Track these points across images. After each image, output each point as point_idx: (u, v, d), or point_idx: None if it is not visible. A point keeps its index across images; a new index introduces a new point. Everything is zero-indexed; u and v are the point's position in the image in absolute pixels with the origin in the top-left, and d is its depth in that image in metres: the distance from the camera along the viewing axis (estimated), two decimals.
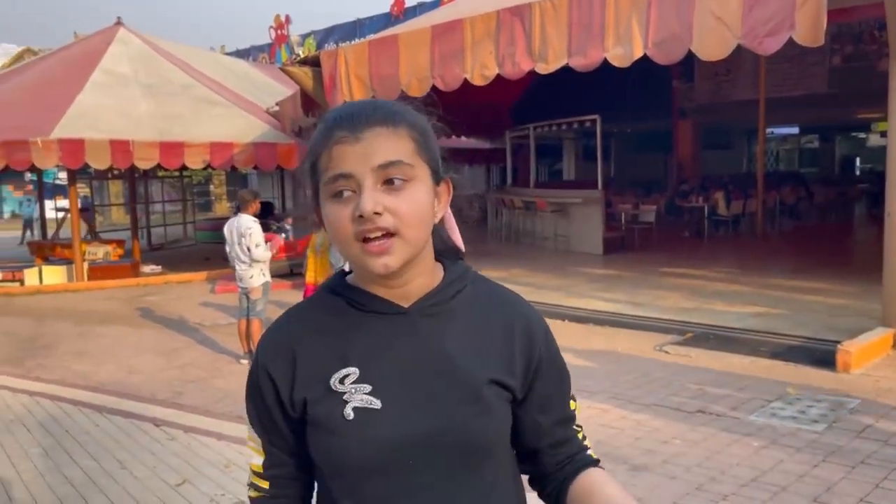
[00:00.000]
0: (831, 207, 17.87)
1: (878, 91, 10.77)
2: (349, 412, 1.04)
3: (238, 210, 7.25)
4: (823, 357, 6.26)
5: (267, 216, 19.17)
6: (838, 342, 6.27)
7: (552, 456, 1.19)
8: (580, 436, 1.22)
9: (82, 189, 19.04)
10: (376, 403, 1.04)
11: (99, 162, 12.13)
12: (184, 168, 14.21)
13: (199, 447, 4.95)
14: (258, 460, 1.17)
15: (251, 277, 7.08)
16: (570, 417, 1.22)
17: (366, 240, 1.01)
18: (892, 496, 3.80)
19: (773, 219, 15.34)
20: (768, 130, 14.19)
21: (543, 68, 7.96)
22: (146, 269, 14.12)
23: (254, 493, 1.19)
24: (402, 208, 1.01)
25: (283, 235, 13.73)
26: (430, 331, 1.10)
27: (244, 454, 4.78)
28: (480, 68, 8.38)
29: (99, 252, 14.23)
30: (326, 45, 21.30)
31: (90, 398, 6.15)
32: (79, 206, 14.20)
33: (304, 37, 23.97)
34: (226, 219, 24.00)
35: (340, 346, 1.09)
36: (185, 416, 5.65)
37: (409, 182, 1.03)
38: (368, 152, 1.01)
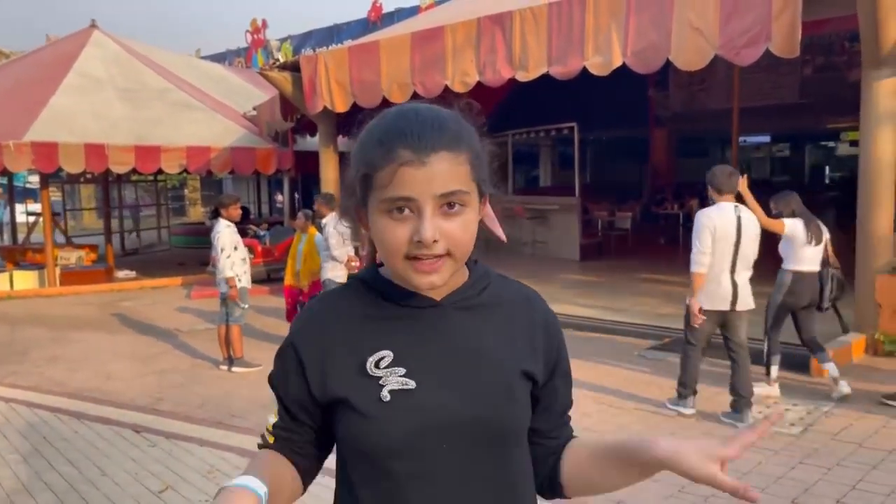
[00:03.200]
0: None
1: (847, 101, 11.03)
2: (386, 394, 1.08)
3: (215, 214, 7.18)
4: (798, 361, 6.37)
5: (244, 221, 19.10)
6: None
7: (551, 441, 1.26)
8: (570, 423, 1.31)
9: (54, 193, 18.77)
10: (411, 384, 1.09)
11: (73, 166, 11.96)
12: (159, 172, 14.10)
13: (180, 453, 4.92)
14: (272, 419, 1.21)
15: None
16: (570, 405, 1.30)
17: (415, 258, 1.06)
18: (869, 497, 3.89)
19: None
20: (741, 139, 14.40)
21: (524, 76, 8.03)
22: (120, 274, 13.96)
23: (260, 442, 1.24)
24: (457, 233, 1.06)
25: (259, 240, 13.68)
26: (462, 322, 1.15)
27: (227, 460, 4.76)
28: (461, 75, 8.42)
29: (71, 257, 14.03)
30: (303, 49, 21.23)
31: (68, 405, 6.08)
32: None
33: (281, 41, 23.89)
34: (200, 224, 23.74)
35: (374, 334, 1.13)
36: (166, 422, 5.60)
37: (464, 207, 1.07)
38: (432, 178, 1.04)
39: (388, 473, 1.09)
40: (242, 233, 13.26)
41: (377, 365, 1.10)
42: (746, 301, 5.10)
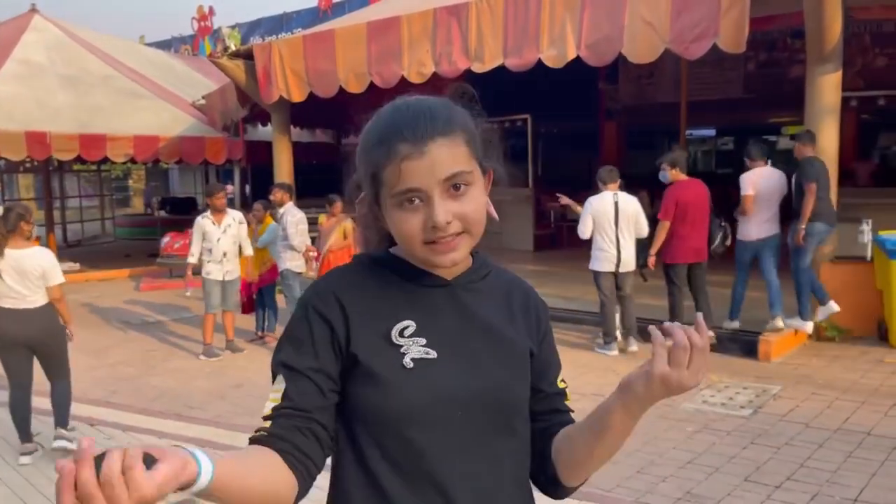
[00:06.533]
0: None
1: (788, 96, 11.39)
2: (409, 362, 1.12)
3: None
4: (747, 347, 6.61)
5: (189, 211, 18.71)
6: (759, 333, 6.64)
7: (545, 422, 1.28)
8: (571, 413, 1.31)
9: None
10: (433, 353, 1.13)
11: (14, 153, 11.59)
12: (103, 161, 13.73)
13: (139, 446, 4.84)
14: (270, 406, 1.10)
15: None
16: (563, 391, 1.32)
17: (433, 242, 1.11)
18: (817, 474, 4.07)
19: None
20: (688, 132, 14.73)
21: (479, 67, 8.05)
22: (63, 266, 13.47)
23: (252, 434, 1.10)
24: (468, 212, 1.12)
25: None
26: (472, 302, 1.21)
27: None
28: (417, 66, 8.42)
29: None
30: (252, 37, 20.90)
31: None
32: None
33: (230, 28, 23.46)
34: (147, 215, 22.99)
35: (392, 305, 1.17)
36: (122, 414, 5.52)
37: (470, 186, 1.13)
38: (434, 166, 1.09)
39: (406, 441, 1.11)
40: (192, 223, 13.06)
41: (401, 334, 1.14)
42: (629, 264, 6.69)
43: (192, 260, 7.15)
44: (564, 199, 7.47)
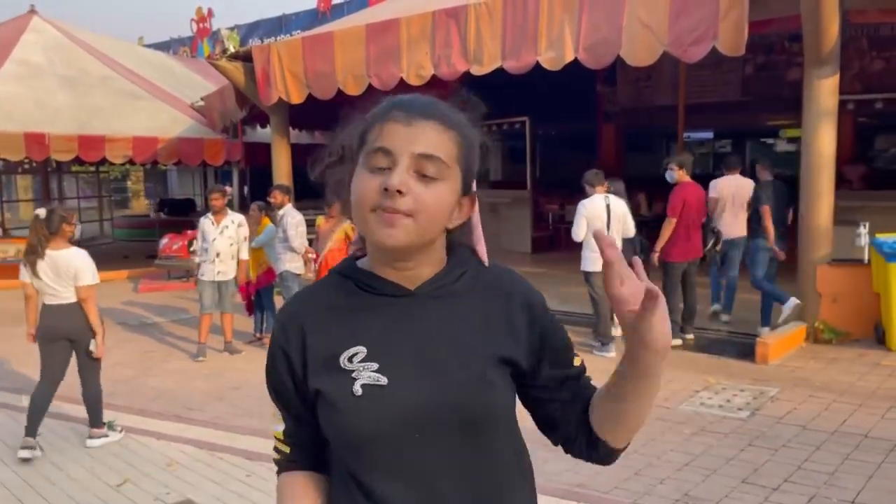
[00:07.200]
0: None
1: (786, 99, 11.40)
2: (357, 389, 1.10)
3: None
4: (744, 349, 6.62)
5: (187, 213, 18.70)
6: (757, 335, 6.65)
7: (576, 405, 1.23)
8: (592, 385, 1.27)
9: None
10: (383, 380, 1.10)
11: (13, 154, 11.61)
12: (102, 163, 13.73)
13: (137, 447, 4.86)
14: (280, 427, 1.24)
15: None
16: (582, 370, 1.27)
17: (382, 209, 1.07)
18: (814, 476, 4.08)
19: None
20: (686, 135, 14.74)
21: (478, 70, 8.07)
22: None
23: (276, 456, 1.26)
24: (425, 197, 1.07)
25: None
26: (437, 312, 1.16)
27: (186, 453, 4.72)
28: (416, 68, 8.43)
29: (10, 250, 13.55)
30: (251, 39, 20.91)
31: (13, 400, 5.91)
32: None
33: (229, 30, 23.46)
34: (145, 216, 22.99)
35: (350, 327, 1.15)
36: (120, 416, 5.50)
37: (440, 181, 1.09)
38: (414, 137, 1.08)
39: (367, 462, 1.12)
40: (189, 225, 13.08)
41: (350, 360, 1.12)
42: None
43: (196, 259, 7.47)
44: None
